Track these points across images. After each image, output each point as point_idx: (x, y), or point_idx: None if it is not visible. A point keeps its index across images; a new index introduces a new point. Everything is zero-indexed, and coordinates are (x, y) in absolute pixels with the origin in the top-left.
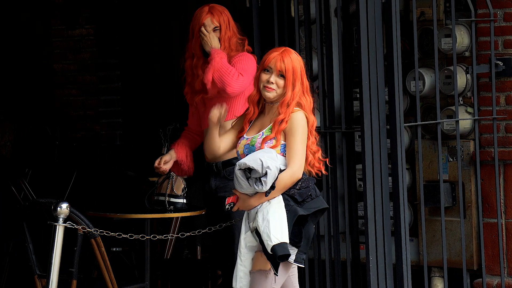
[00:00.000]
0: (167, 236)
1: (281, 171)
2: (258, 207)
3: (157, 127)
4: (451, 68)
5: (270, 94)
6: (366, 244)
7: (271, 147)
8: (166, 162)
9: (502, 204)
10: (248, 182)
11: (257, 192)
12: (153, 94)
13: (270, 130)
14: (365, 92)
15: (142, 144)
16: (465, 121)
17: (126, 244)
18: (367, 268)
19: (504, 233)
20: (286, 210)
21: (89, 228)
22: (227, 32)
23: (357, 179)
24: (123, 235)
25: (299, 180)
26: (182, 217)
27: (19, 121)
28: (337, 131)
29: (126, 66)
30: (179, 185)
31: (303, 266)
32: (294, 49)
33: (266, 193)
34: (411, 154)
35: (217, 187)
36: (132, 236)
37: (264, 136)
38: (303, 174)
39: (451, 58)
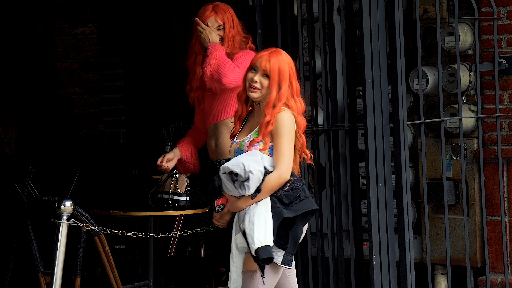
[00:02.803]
0: (170, 234)
1: (269, 172)
2: (246, 209)
3: (160, 125)
4: (454, 66)
5: (254, 94)
6: (370, 242)
7: (260, 150)
8: (169, 160)
9: (505, 201)
10: (234, 185)
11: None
12: (156, 92)
13: (257, 133)
14: (368, 91)
15: (145, 142)
16: (468, 119)
17: (130, 241)
18: (370, 266)
19: (507, 231)
20: (272, 212)
21: (92, 226)
22: (231, 30)
23: (360, 177)
24: (127, 233)
25: (287, 182)
26: (185, 215)
27: (23, 119)
28: (340, 129)
29: (129, 64)
30: (182, 183)
31: (291, 267)
32: (297, 47)
33: (252, 196)
34: (415, 152)
35: (220, 185)
36: (135, 234)
37: (251, 139)
38: (293, 175)
39: (454, 56)
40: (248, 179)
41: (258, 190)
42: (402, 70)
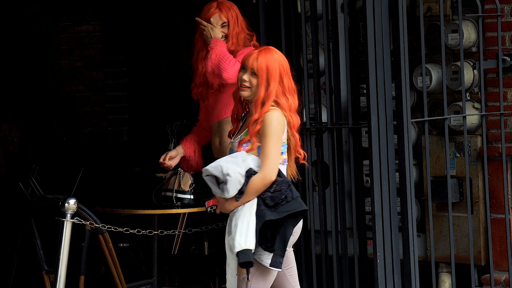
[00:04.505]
0: (174, 232)
1: (255, 173)
2: (235, 210)
3: (163, 123)
4: (458, 63)
5: (245, 93)
6: (374, 240)
7: (247, 151)
8: (171, 158)
9: (509, 199)
10: (219, 187)
11: None
12: (160, 90)
13: (247, 133)
14: (372, 88)
15: (149, 140)
16: (472, 117)
17: (134, 239)
18: (374, 264)
19: (511, 229)
20: (256, 215)
21: (96, 224)
22: (235, 27)
23: (364, 175)
24: (131, 231)
25: (274, 183)
26: (189, 213)
27: (26, 117)
28: (344, 127)
29: (132, 62)
30: (187, 181)
31: (280, 269)
32: (301, 45)
33: (236, 198)
34: (418, 149)
35: None
36: (139, 232)
37: (240, 139)
38: (280, 176)
39: (458, 53)
40: (226, 182)
41: (241, 192)
42: (405, 68)
